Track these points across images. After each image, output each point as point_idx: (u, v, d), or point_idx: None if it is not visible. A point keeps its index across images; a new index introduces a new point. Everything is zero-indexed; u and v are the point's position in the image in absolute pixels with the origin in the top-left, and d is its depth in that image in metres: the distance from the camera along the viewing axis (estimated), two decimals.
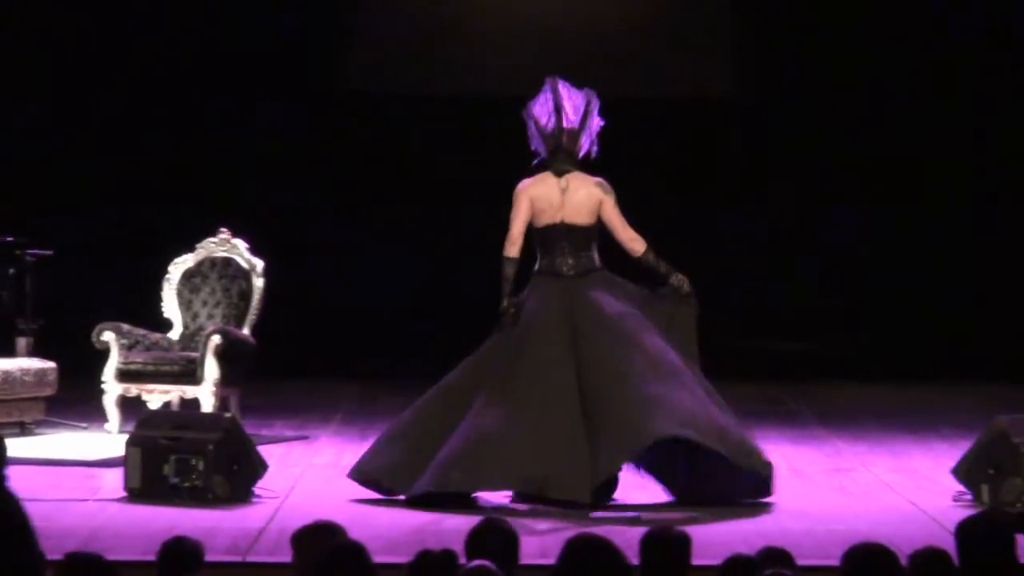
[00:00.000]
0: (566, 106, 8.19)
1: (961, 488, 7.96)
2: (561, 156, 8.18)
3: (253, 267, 10.14)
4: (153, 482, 7.98)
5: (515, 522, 5.29)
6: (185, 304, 10.16)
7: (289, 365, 11.92)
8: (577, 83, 8.30)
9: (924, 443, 9.71)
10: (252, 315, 10.04)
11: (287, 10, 12.84)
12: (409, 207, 12.97)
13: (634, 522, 7.32)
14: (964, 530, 4.86)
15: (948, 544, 4.95)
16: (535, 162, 8.28)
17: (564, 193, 8.14)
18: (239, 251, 10.20)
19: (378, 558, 4.74)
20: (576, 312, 8.05)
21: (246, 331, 9.96)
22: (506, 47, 12.89)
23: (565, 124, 8.17)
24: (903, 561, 4.91)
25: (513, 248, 8.16)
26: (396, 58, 12.93)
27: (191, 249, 10.29)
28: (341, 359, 12.58)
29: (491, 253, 10.55)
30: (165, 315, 10.19)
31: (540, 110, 8.25)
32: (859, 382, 10.76)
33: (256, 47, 12.79)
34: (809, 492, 8.32)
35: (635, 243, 8.19)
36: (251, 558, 6.82)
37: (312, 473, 8.77)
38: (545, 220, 8.15)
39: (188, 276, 10.20)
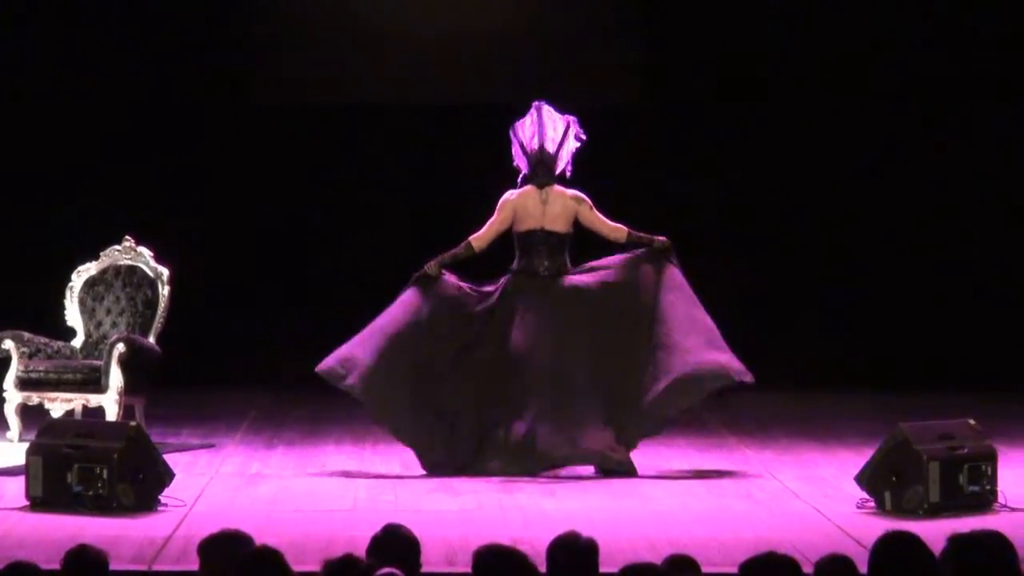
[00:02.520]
0: (547, 129, 9.29)
1: (864, 495, 8.05)
2: (541, 172, 9.28)
3: (159, 275, 10.10)
4: (56, 491, 7.93)
5: (420, 530, 5.31)
6: (88, 312, 10.11)
7: (196, 373, 11.90)
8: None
9: (829, 451, 9.82)
10: (158, 323, 10.01)
11: (191, 20, 12.77)
12: (314, 215, 12.95)
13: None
14: (880, 548, 4.88)
15: (852, 551, 5.03)
16: (520, 178, 9.31)
17: (544, 204, 9.26)
18: (144, 259, 10.17)
19: None
20: (556, 301, 9.14)
21: (152, 339, 9.92)
22: (412, 56, 12.90)
23: (547, 146, 9.28)
24: (808, 568, 4.97)
25: (478, 241, 9.24)
26: (298, 69, 12.90)
27: (95, 257, 10.24)
28: (248, 367, 12.55)
29: (402, 258, 10.62)
30: (68, 323, 10.13)
31: (524, 131, 9.34)
32: (766, 391, 10.83)
33: (159, 53, 12.73)
34: (716, 499, 8.39)
35: (618, 232, 9.32)
36: (157, 567, 6.79)
37: (219, 481, 8.76)
38: (527, 226, 9.24)
39: (91, 284, 10.15)
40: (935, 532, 5.27)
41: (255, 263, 12.86)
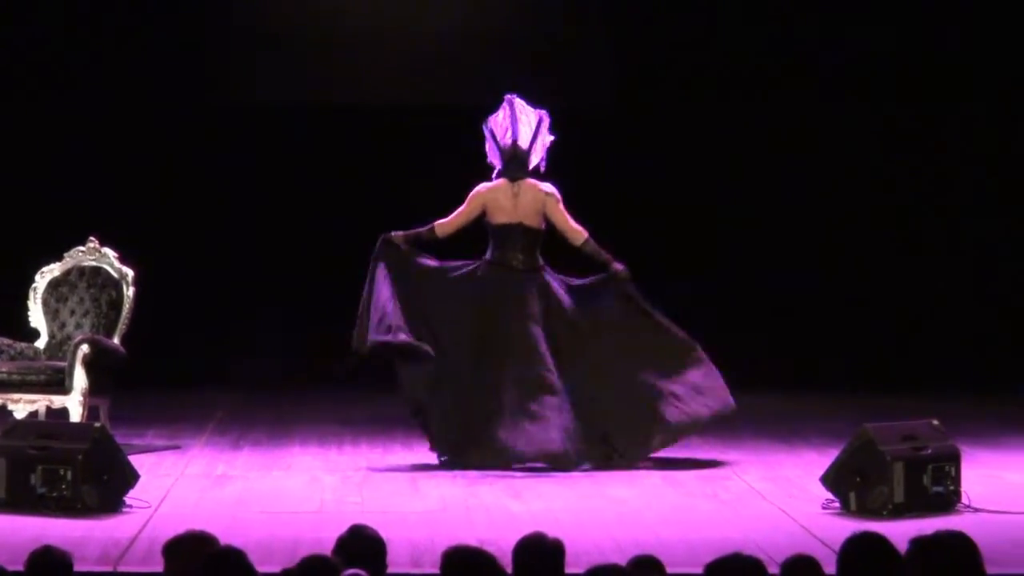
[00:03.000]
0: (520, 124, 9.41)
1: (829, 496, 8.08)
2: (514, 166, 9.42)
3: (123, 276, 10.07)
4: (20, 492, 7.90)
5: (386, 530, 5.32)
6: (52, 313, 10.08)
7: (161, 374, 11.87)
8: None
9: (795, 452, 9.85)
10: (123, 324, 9.97)
11: (160, 19, 12.73)
12: (280, 215, 12.93)
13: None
14: (848, 549, 4.91)
15: (817, 551, 5.05)
16: (494, 173, 9.44)
17: (516, 197, 9.38)
18: (109, 260, 10.14)
19: None
20: (531, 295, 9.31)
21: (116, 340, 9.89)
22: (381, 56, 12.89)
23: (520, 141, 9.41)
24: (773, 568, 4.99)
25: (442, 228, 9.44)
26: (266, 69, 12.87)
27: (59, 258, 10.21)
28: (214, 368, 12.53)
29: (365, 258, 10.59)
30: (32, 324, 10.09)
31: (498, 127, 9.47)
32: (732, 392, 10.85)
33: (124, 52, 12.69)
34: (682, 500, 8.42)
35: (576, 234, 9.39)
36: (122, 568, 6.78)
37: (184, 483, 8.74)
38: (502, 219, 9.36)
39: (55, 285, 10.11)
40: (899, 532, 5.30)
41: (221, 264, 12.83)
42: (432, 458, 9.46)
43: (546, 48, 12.84)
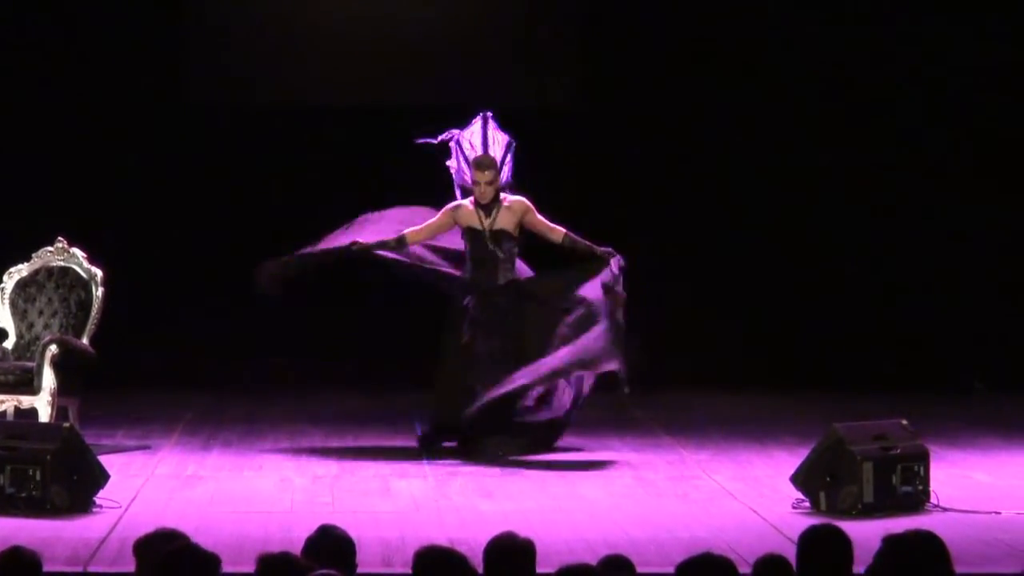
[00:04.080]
0: (490, 145, 9.67)
1: (800, 495, 8.11)
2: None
3: (92, 276, 10.05)
4: None
5: (357, 530, 5.32)
6: (20, 314, 10.05)
7: (131, 375, 11.85)
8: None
9: (765, 451, 9.87)
10: (92, 325, 9.95)
11: (130, 18, 12.70)
12: (250, 214, 12.91)
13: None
14: (805, 539, 4.99)
15: (788, 551, 5.06)
16: (458, 189, 9.70)
17: (489, 217, 9.50)
18: (77, 260, 10.11)
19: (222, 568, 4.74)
20: (515, 305, 9.59)
21: (85, 341, 9.87)
22: (351, 57, 12.88)
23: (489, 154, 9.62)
24: (744, 568, 5.01)
25: (410, 236, 9.64)
26: (235, 68, 12.86)
27: (27, 258, 10.18)
28: (184, 368, 12.51)
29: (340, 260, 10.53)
30: (0, 325, 10.07)
31: (472, 138, 9.72)
32: (702, 391, 10.91)
33: (91, 51, 12.66)
34: (652, 499, 8.44)
35: (554, 233, 9.62)
36: (92, 568, 6.77)
37: (154, 483, 8.73)
38: (474, 242, 9.53)
39: (23, 285, 10.09)
40: (869, 532, 5.34)
41: (191, 263, 12.81)
42: (404, 455, 9.53)
43: (511, 45, 12.84)
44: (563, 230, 9.62)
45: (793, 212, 13.05)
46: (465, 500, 8.32)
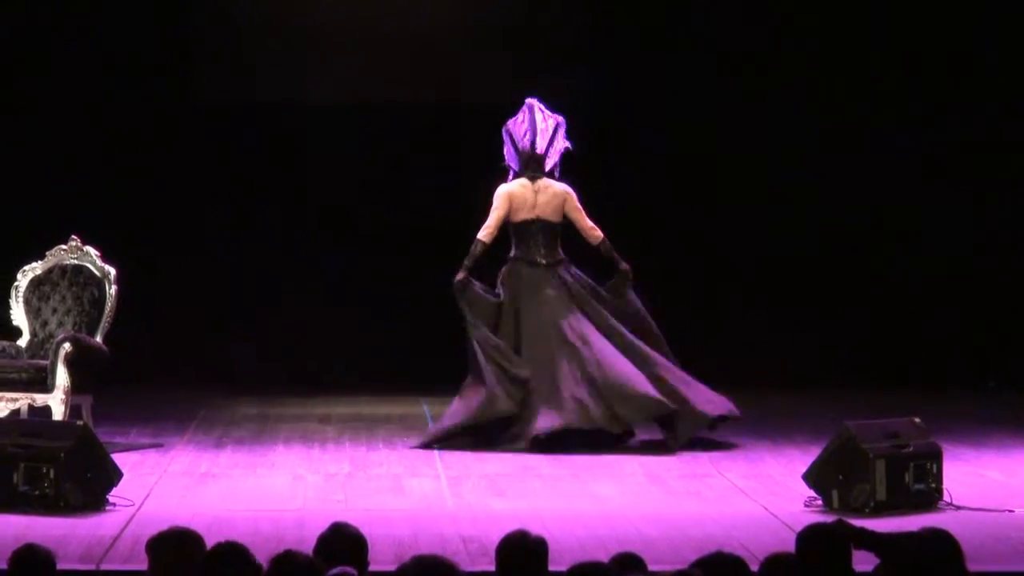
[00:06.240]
0: (539, 130, 10.08)
1: (812, 494, 8.10)
2: (530, 169, 10.09)
3: (105, 274, 10.06)
4: (2, 491, 7.88)
5: (369, 529, 5.32)
6: (34, 312, 10.07)
7: (144, 372, 11.86)
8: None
9: (777, 449, 9.87)
10: (105, 322, 9.97)
11: (141, 18, 12.70)
12: (261, 214, 12.91)
13: None
14: (804, 538, 4.99)
15: None
16: (510, 175, 10.11)
17: (536, 194, 10.07)
18: (90, 258, 10.12)
19: None
20: (556, 289, 9.99)
21: (99, 339, 9.88)
22: (360, 55, 12.86)
23: (537, 146, 10.08)
24: (756, 566, 5.01)
25: (486, 234, 10.03)
26: (246, 68, 12.85)
27: (41, 257, 10.20)
28: (197, 366, 12.51)
29: (349, 256, 10.55)
30: (14, 323, 10.09)
31: (517, 129, 10.13)
32: (715, 389, 10.86)
33: (104, 50, 12.66)
34: (665, 497, 8.44)
35: (594, 231, 10.14)
36: (105, 566, 6.78)
37: (167, 481, 8.74)
38: (522, 216, 10.05)
39: (37, 284, 10.11)
40: (881, 530, 5.32)
41: (204, 262, 12.81)
42: (417, 454, 9.58)
43: (524, 40, 12.82)
44: (602, 235, 10.11)
45: (804, 208, 13.02)
46: (477, 498, 8.32)
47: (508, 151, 10.16)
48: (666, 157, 12.84)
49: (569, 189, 10.13)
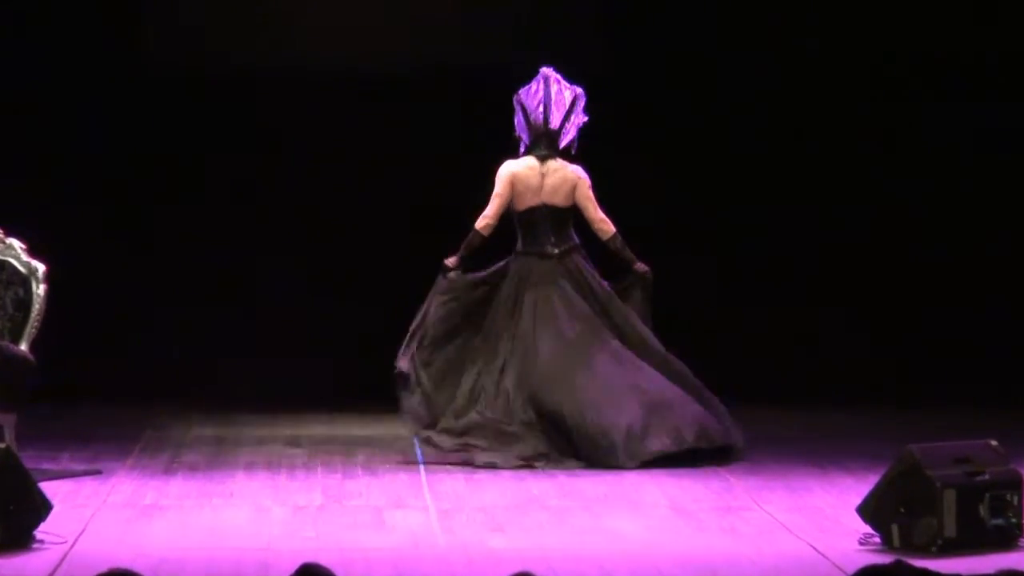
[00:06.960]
0: (553, 102, 10.28)
1: (868, 530, 8.10)
2: (543, 145, 10.30)
3: (32, 271, 10.08)
4: None
5: (345, 571, 5.29)
6: None
7: (79, 386, 11.87)
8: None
9: (826, 477, 9.89)
10: (32, 327, 10.00)
11: None
12: (212, 202, 12.93)
13: None
14: None
15: None
16: (521, 149, 10.34)
17: (544, 177, 10.28)
18: (15, 253, 10.15)
19: None
20: (567, 282, 10.29)
21: (24, 346, 9.91)
22: (324, 19, 12.94)
23: (551, 121, 10.28)
24: None
25: (484, 224, 10.28)
26: (194, 35, 12.91)
27: None
28: (142, 379, 12.52)
29: (310, 246, 10.51)
30: None
31: (530, 101, 10.32)
32: (752, 407, 10.88)
33: (32, 24, 12.70)
34: (694, 534, 8.43)
35: (604, 224, 10.34)
36: None
37: (106, 514, 8.74)
38: (527, 203, 10.28)
39: None
40: (951, 571, 5.30)
41: (149, 258, 12.82)
42: (401, 483, 9.55)
43: (535, 11, 12.93)
44: (614, 229, 10.32)
45: (866, 204, 13.06)
46: (473, 535, 8.33)
47: (519, 120, 10.37)
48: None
49: (583, 174, 10.33)
